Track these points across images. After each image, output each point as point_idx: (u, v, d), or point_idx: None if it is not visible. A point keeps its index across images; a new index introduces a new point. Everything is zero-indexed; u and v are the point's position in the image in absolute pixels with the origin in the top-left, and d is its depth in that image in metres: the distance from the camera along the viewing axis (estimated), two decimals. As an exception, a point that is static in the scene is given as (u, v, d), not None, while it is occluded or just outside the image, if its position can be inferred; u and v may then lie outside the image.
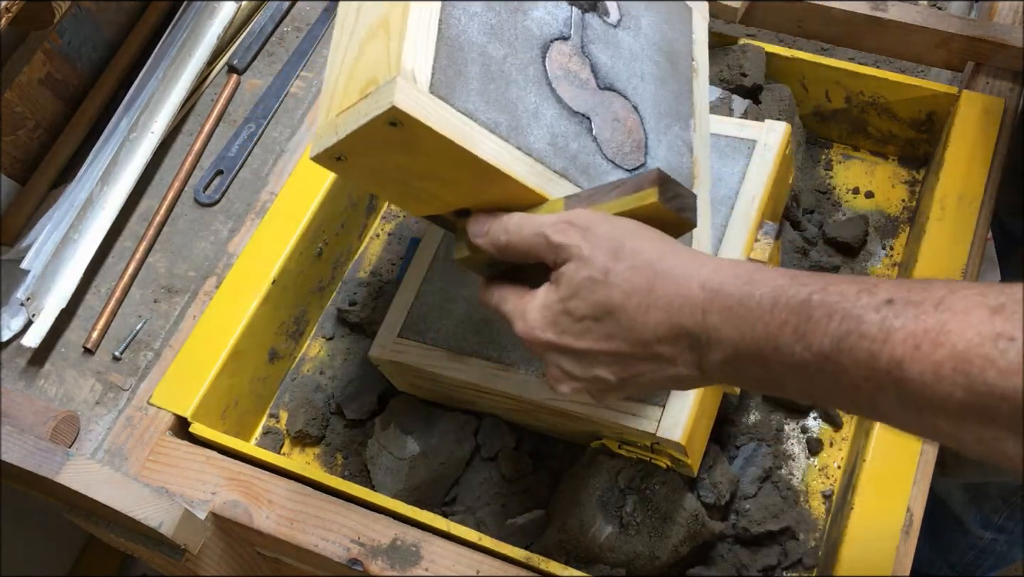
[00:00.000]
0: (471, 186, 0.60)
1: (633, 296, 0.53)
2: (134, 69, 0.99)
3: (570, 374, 0.57)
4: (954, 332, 0.44)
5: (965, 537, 1.18)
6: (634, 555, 0.72)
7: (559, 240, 0.56)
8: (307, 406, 0.87)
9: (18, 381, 0.84)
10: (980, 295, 0.45)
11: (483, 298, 0.63)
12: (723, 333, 0.51)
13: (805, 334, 0.48)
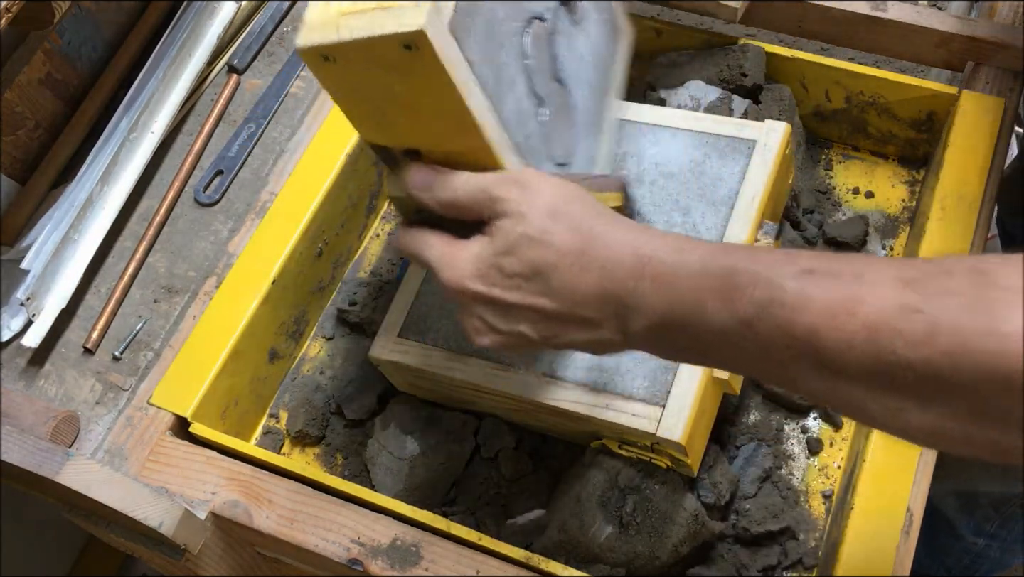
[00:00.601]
0: (441, 131, 0.59)
1: (567, 257, 0.54)
2: (134, 69, 0.99)
3: (492, 327, 0.58)
4: (867, 303, 0.45)
5: (959, 542, 1.19)
6: (634, 555, 0.72)
7: (499, 194, 0.56)
8: (307, 406, 0.87)
9: (18, 381, 0.84)
10: (895, 268, 0.46)
11: (403, 241, 0.61)
12: (651, 300, 0.52)
13: (730, 301, 0.49)
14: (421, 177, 0.59)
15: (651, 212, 0.81)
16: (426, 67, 0.55)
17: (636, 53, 0.96)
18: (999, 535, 1.15)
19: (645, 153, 0.83)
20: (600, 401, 0.73)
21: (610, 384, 0.74)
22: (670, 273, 0.52)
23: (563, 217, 0.54)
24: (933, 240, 0.80)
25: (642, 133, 0.84)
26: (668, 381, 0.72)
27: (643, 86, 0.94)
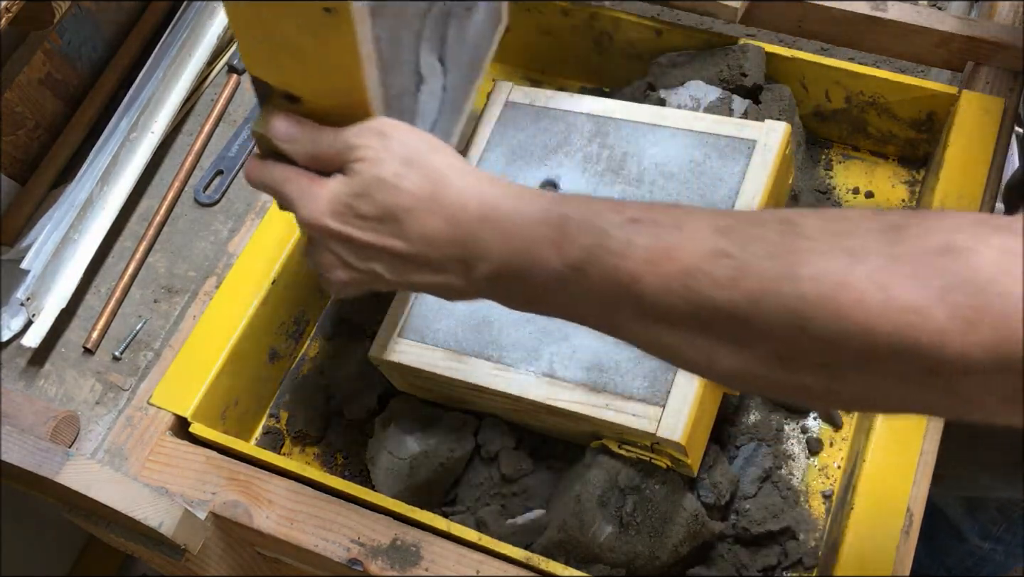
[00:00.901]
0: (328, 90, 0.60)
1: (418, 202, 0.56)
2: (134, 69, 0.99)
3: (347, 263, 0.59)
4: (684, 249, 0.47)
5: (962, 544, 1.19)
6: (634, 555, 0.72)
7: (358, 142, 0.58)
8: (307, 406, 0.87)
9: (18, 381, 0.84)
10: (712, 218, 0.49)
11: (258, 173, 0.62)
12: (491, 247, 0.54)
13: (561, 247, 0.51)
14: (285, 129, 0.60)
15: (651, 212, 0.81)
16: (338, 33, 0.56)
17: (636, 53, 0.96)
18: (1004, 539, 1.15)
19: (645, 153, 0.83)
20: (600, 401, 0.73)
21: (610, 384, 0.74)
22: (508, 221, 0.54)
23: (417, 164, 0.56)
24: (933, 240, 0.79)
25: (642, 133, 0.84)
26: (668, 381, 0.72)
27: (643, 86, 0.94)
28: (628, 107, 0.86)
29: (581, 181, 0.84)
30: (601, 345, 0.75)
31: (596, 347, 0.75)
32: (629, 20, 0.94)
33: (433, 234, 0.56)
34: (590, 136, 0.85)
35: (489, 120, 0.89)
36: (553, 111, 0.88)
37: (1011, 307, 0.40)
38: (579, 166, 0.84)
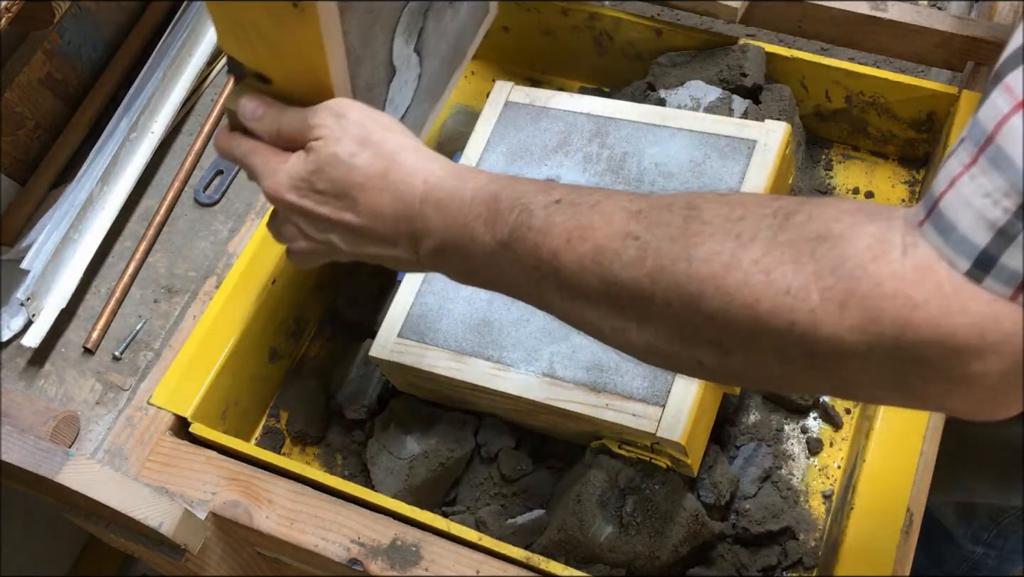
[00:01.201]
0: (295, 75, 0.62)
1: (371, 180, 0.59)
2: (134, 69, 0.99)
3: (306, 234, 0.63)
4: (597, 229, 0.50)
5: (957, 550, 1.19)
6: (634, 555, 0.72)
7: (315, 121, 0.60)
8: (307, 406, 0.87)
9: (18, 381, 0.84)
10: (628, 201, 0.52)
11: (227, 144, 0.65)
12: (432, 223, 0.58)
13: (492, 224, 0.55)
14: (252, 108, 0.63)
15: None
16: (306, 27, 0.58)
17: (636, 53, 0.96)
18: (996, 544, 1.15)
19: (645, 153, 0.83)
20: (600, 401, 0.73)
21: (610, 384, 0.74)
22: (448, 199, 0.57)
23: (370, 143, 0.59)
24: (933, 240, 0.79)
25: (642, 133, 0.84)
26: (668, 381, 0.72)
27: (643, 86, 0.94)
28: (628, 107, 0.86)
29: (581, 181, 0.84)
30: (601, 346, 0.75)
31: (596, 347, 0.75)
32: (629, 20, 0.94)
33: (382, 210, 0.59)
34: (590, 136, 0.85)
35: (489, 120, 0.89)
36: (553, 111, 0.88)
37: (877, 291, 0.42)
38: (579, 166, 0.84)
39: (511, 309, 0.79)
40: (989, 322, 0.40)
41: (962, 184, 0.41)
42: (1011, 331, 0.40)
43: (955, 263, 0.41)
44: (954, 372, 0.42)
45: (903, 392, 0.45)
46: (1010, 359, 0.41)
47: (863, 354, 0.43)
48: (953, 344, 0.41)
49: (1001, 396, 0.43)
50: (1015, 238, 0.39)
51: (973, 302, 0.40)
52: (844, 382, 0.46)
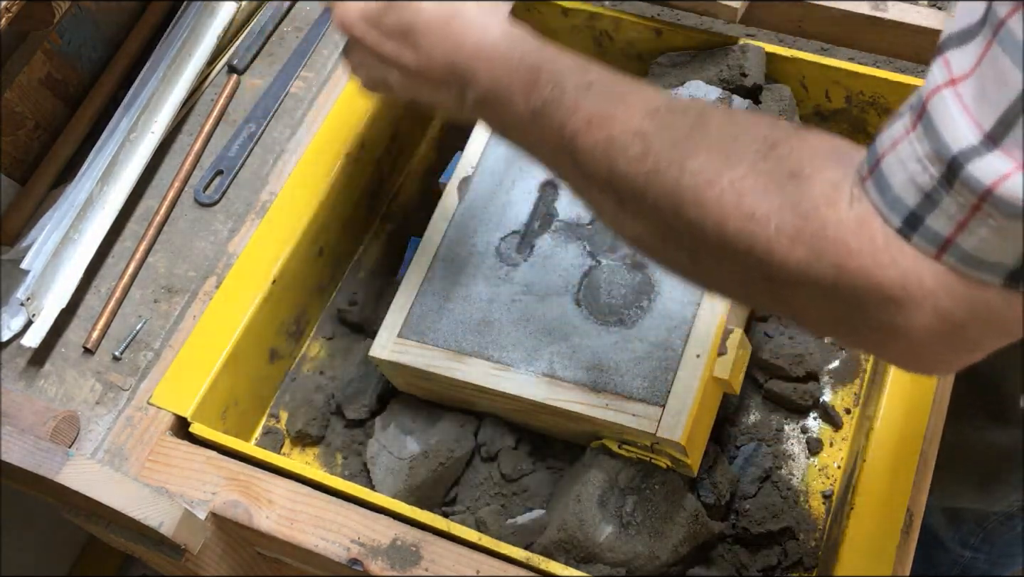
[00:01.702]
0: None
1: (432, 25, 0.63)
2: (134, 69, 0.99)
3: (368, 67, 0.67)
4: (616, 120, 0.53)
5: (947, 554, 1.20)
6: (634, 555, 0.72)
7: None
8: (307, 406, 0.87)
9: (18, 381, 0.84)
10: (651, 98, 0.54)
11: None
12: (480, 77, 0.61)
13: (528, 93, 0.58)
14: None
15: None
16: None
17: (636, 53, 0.96)
18: (983, 548, 1.16)
19: (645, 153, 0.83)
20: (600, 401, 0.73)
21: (610, 384, 0.74)
22: (497, 59, 0.60)
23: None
24: (933, 240, 0.79)
25: (642, 133, 0.84)
26: (668, 381, 0.72)
27: (643, 86, 0.94)
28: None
29: (581, 181, 0.84)
30: (601, 345, 0.76)
31: (596, 347, 0.76)
32: (629, 20, 0.94)
33: (439, 57, 0.62)
34: (590, 136, 0.85)
35: (489, 120, 0.89)
36: (553, 111, 0.87)
37: (822, 233, 0.45)
38: (579, 166, 0.84)
39: (511, 309, 0.79)
40: (911, 277, 0.43)
41: (901, 147, 0.43)
42: (931, 288, 0.43)
43: (889, 219, 0.44)
44: (882, 320, 0.44)
45: (845, 332, 0.48)
46: (930, 315, 0.43)
47: (808, 288, 0.46)
48: (880, 294, 0.44)
49: (927, 350, 0.45)
50: (939, 203, 0.42)
51: (900, 256, 0.43)
52: (797, 312, 0.49)
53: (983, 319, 0.43)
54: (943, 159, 0.41)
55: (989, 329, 0.44)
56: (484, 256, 0.82)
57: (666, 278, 0.77)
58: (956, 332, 0.44)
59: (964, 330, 0.44)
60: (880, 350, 0.48)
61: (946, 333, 0.44)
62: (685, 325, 0.75)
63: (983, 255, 0.42)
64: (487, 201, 0.85)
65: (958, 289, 0.43)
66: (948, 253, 0.42)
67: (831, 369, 0.85)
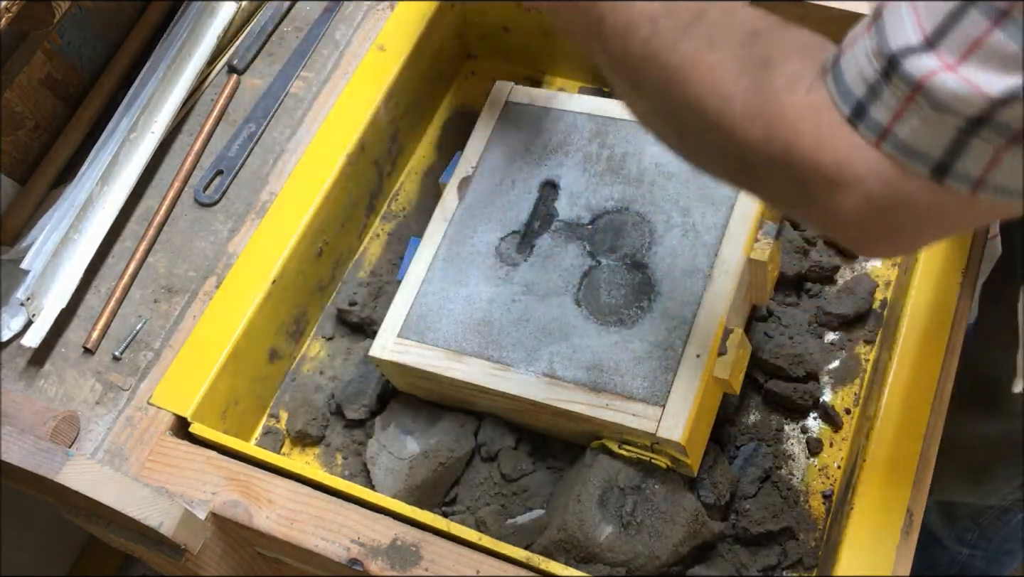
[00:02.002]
0: None
1: None
2: (134, 69, 0.99)
3: None
4: (637, 7, 0.55)
5: (944, 552, 1.20)
6: (634, 555, 0.72)
7: None
8: (307, 406, 0.87)
9: (18, 381, 0.84)
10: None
11: None
12: None
13: None
14: None
15: (651, 212, 0.81)
16: None
17: (636, 53, 0.96)
18: (980, 545, 1.16)
19: (645, 153, 0.83)
20: (600, 401, 0.73)
21: (610, 384, 0.74)
22: None
23: None
24: (933, 240, 0.80)
25: (642, 133, 0.84)
26: (668, 381, 0.72)
27: (643, 86, 0.94)
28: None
29: (581, 181, 0.84)
30: (601, 345, 0.76)
31: (596, 347, 0.76)
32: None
33: None
34: (590, 136, 0.85)
35: (489, 120, 0.89)
36: (553, 111, 0.88)
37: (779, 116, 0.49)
38: (579, 166, 0.84)
39: (511, 309, 0.79)
40: (846, 162, 0.47)
41: (858, 45, 0.49)
42: (863, 172, 0.47)
43: (841, 109, 0.48)
44: (824, 200, 0.49)
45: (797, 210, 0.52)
46: (860, 197, 0.48)
47: (766, 167, 0.50)
48: (820, 175, 0.48)
49: (860, 231, 0.50)
50: (880, 95, 0.46)
51: (840, 142, 0.48)
52: (760, 189, 0.54)
53: (908, 206, 0.48)
54: (886, 55, 0.46)
55: (914, 218, 0.48)
56: (484, 256, 0.82)
57: (666, 278, 0.77)
58: (883, 216, 0.48)
59: (890, 215, 0.48)
60: (825, 228, 0.52)
61: (874, 216, 0.48)
62: (685, 325, 0.75)
63: (914, 144, 0.46)
64: (487, 201, 0.85)
65: (887, 176, 0.47)
66: (887, 141, 0.46)
67: (831, 369, 0.85)
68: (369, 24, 0.98)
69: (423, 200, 0.99)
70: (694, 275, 0.77)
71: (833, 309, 0.85)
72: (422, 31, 0.96)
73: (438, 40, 0.99)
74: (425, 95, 1.00)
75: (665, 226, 0.80)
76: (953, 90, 0.43)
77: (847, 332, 0.86)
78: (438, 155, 1.01)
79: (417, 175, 1.01)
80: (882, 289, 0.87)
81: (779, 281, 0.85)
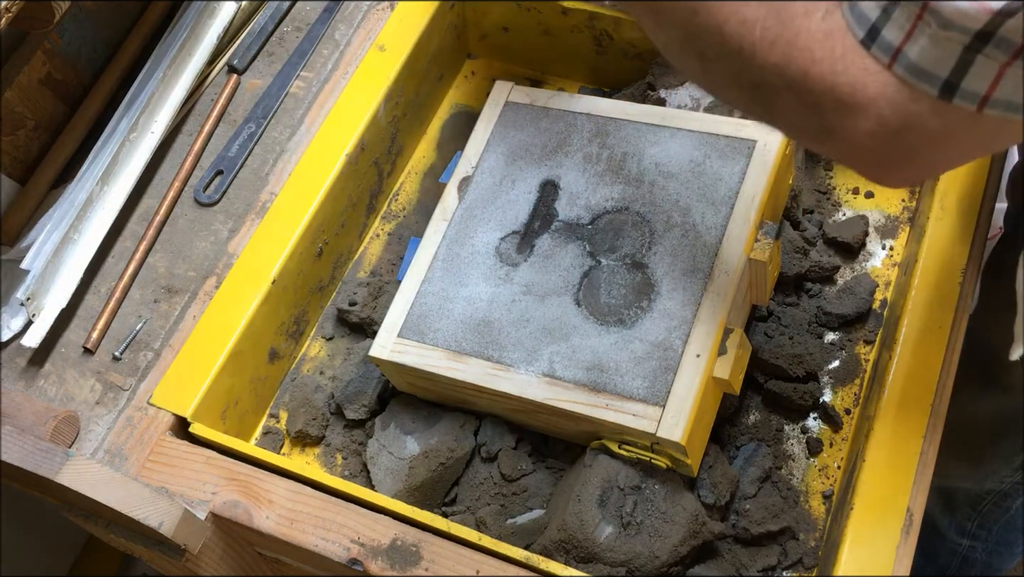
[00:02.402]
0: None
1: None
2: (134, 69, 0.99)
3: None
4: None
5: (945, 543, 1.20)
6: (634, 555, 0.72)
7: None
8: (307, 406, 0.87)
9: (18, 381, 0.84)
10: None
11: None
12: None
13: None
14: None
15: (651, 212, 0.81)
16: None
17: (636, 53, 0.96)
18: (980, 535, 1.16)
19: (645, 153, 0.83)
20: (600, 401, 0.73)
21: (610, 384, 0.74)
22: None
23: None
24: (933, 240, 0.80)
25: (642, 133, 0.84)
26: (668, 381, 0.72)
27: (643, 86, 0.94)
28: (628, 107, 0.86)
29: (581, 181, 0.84)
30: (601, 345, 0.76)
31: (596, 347, 0.76)
32: (629, 20, 0.94)
33: None
34: (590, 136, 0.85)
35: (489, 120, 0.89)
36: (553, 111, 0.88)
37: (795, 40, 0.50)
38: (579, 166, 0.84)
39: (511, 309, 0.79)
40: (859, 85, 0.49)
41: None
42: (873, 95, 0.49)
43: (855, 32, 0.49)
44: (839, 125, 0.50)
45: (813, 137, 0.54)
46: (872, 120, 0.49)
47: (782, 91, 0.52)
48: (833, 97, 0.50)
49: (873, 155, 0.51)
50: (892, 15, 0.47)
51: (854, 65, 0.49)
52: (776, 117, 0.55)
53: (917, 128, 0.49)
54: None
55: (925, 141, 0.50)
56: (484, 256, 0.82)
57: (666, 278, 0.77)
58: (896, 140, 0.50)
59: (903, 138, 0.50)
60: (841, 156, 0.54)
61: (887, 140, 0.50)
62: (685, 325, 0.75)
63: (924, 64, 0.47)
64: (487, 201, 0.85)
65: (897, 98, 0.48)
66: (897, 63, 0.48)
67: (831, 369, 0.85)
68: (369, 24, 0.98)
69: (423, 200, 0.99)
70: (694, 275, 0.77)
71: (833, 309, 0.85)
72: (422, 31, 0.96)
73: (438, 40, 0.99)
74: (425, 95, 1.00)
75: (665, 226, 0.80)
76: (958, 5, 0.44)
77: (847, 332, 0.86)
78: (438, 155, 1.01)
79: (417, 175, 1.01)
80: (882, 289, 0.87)
81: (779, 281, 0.85)
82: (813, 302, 0.87)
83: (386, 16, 0.97)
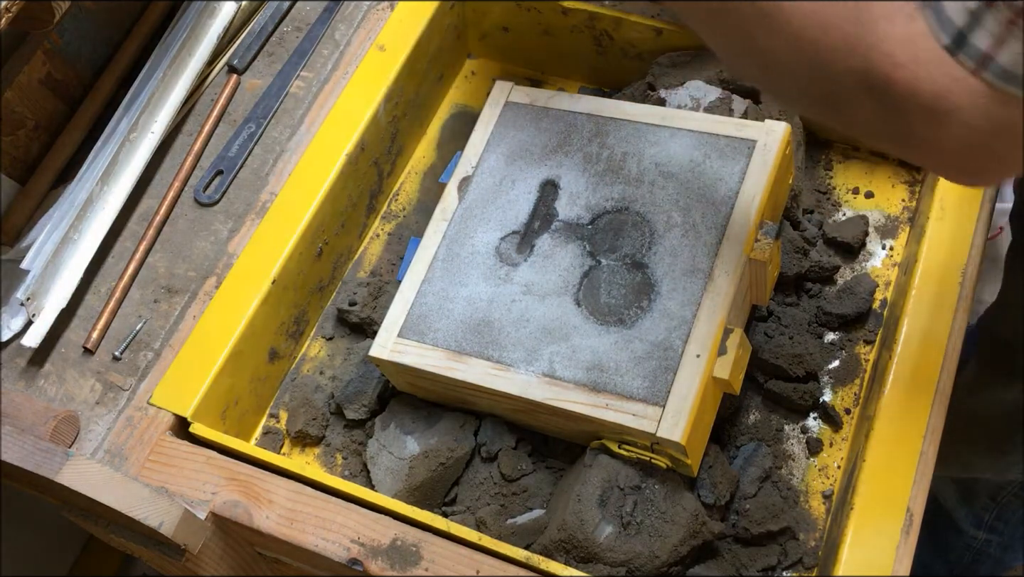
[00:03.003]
0: None
1: None
2: (134, 69, 0.99)
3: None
4: None
5: (960, 537, 1.19)
6: (634, 555, 0.72)
7: None
8: (307, 406, 0.87)
9: (18, 381, 0.84)
10: None
11: None
12: None
13: None
14: None
15: (651, 212, 0.81)
16: None
17: (636, 53, 0.96)
18: (997, 528, 1.15)
19: (645, 153, 0.83)
20: (600, 401, 0.73)
21: (610, 384, 0.74)
22: None
23: None
24: (933, 240, 0.80)
25: (642, 133, 0.84)
26: (668, 381, 0.72)
27: (643, 86, 0.94)
28: (628, 107, 0.86)
29: (581, 181, 0.84)
30: (601, 345, 0.76)
31: (596, 347, 0.76)
32: (629, 20, 0.94)
33: None
34: (590, 136, 0.85)
35: (489, 120, 0.89)
36: (553, 111, 0.88)
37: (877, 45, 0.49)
38: (579, 166, 0.84)
39: (511, 309, 0.79)
40: (945, 91, 0.48)
41: None
42: (961, 102, 0.48)
43: (939, 38, 0.48)
44: (921, 131, 0.50)
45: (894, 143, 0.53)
46: (960, 127, 0.48)
47: (861, 98, 0.51)
48: (918, 104, 0.49)
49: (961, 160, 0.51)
50: (981, 20, 0.46)
51: (939, 72, 0.48)
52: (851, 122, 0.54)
53: (1007, 132, 0.48)
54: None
55: (1014, 143, 0.49)
56: (484, 256, 0.82)
57: (666, 278, 0.77)
58: (983, 144, 0.49)
59: (991, 142, 0.49)
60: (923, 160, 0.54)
61: (974, 144, 0.49)
62: (685, 325, 0.75)
63: (1016, 68, 0.46)
64: (487, 201, 0.85)
65: (985, 105, 0.48)
66: (987, 69, 0.47)
67: (831, 369, 0.85)
68: (369, 24, 0.98)
69: (423, 200, 0.99)
70: (694, 275, 0.77)
71: (833, 309, 0.85)
72: (422, 31, 0.96)
73: (438, 40, 0.99)
74: (425, 95, 1.00)
75: (665, 226, 0.80)
76: None
77: (847, 332, 0.86)
78: (438, 155, 1.01)
79: (417, 175, 1.01)
80: (882, 289, 0.87)
81: (779, 281, 0.85)
82: (813, 302, 0.87)
83: (386, 16, 0.97)
